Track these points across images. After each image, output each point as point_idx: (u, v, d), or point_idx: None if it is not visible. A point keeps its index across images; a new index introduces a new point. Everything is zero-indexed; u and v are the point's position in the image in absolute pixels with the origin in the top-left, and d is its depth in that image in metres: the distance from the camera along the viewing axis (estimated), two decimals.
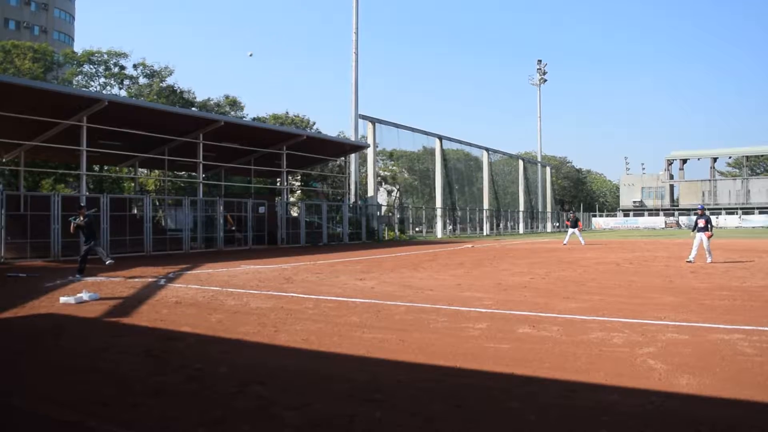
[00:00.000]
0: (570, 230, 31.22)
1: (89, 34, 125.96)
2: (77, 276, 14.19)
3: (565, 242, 30.67)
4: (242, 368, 5.82)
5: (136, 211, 33.03)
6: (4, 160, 31.59)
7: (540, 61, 73.15)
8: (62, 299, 10.19)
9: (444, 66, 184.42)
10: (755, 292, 11.06)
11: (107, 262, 15.18)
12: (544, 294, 11.00)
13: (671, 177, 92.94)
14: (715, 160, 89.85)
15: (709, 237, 17.97)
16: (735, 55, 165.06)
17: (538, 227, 68.57)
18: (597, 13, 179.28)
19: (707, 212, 18.81)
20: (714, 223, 18.32)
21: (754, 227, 68.00)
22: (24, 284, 13.22)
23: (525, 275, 14.71)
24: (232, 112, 49.35)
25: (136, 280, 13.96)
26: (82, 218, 14.70)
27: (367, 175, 43.46)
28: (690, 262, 17.88)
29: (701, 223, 18.07)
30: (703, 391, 4.92)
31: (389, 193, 65.57)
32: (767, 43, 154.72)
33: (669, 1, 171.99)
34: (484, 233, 54.12)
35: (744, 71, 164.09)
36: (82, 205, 15.75)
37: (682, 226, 74.72)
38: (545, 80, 72.96)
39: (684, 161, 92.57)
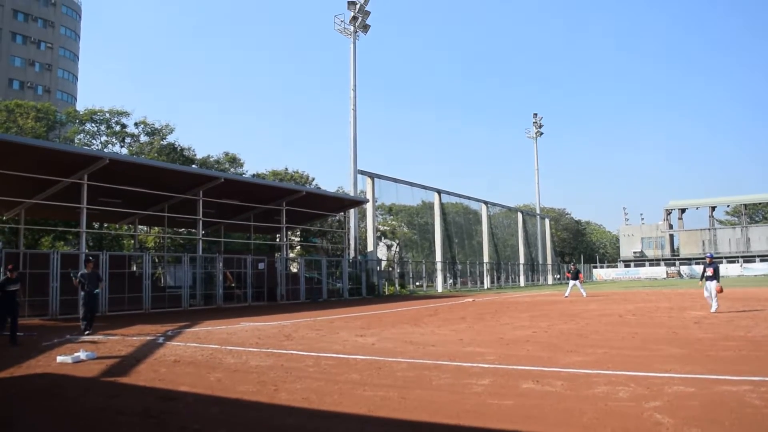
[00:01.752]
0: (571, 282, 31.07)
1: (91, 92, 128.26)
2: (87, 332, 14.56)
3: (566, 294, 30.51)
4: (242, 429, 5.71)
5: (135, 269, 32.94)
6: (4, 218, 31.69)
7: (536, 114, 74.36)
8: (59, 358, 10.07)
9: (441, 120, 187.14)
10: (761, 342, 10.95)
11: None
12: (547, 348, 10.88)
13: (670, 227, 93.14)
14: (713, 209, 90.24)
15: (720, 290, 17.93)
16: (729, 105, 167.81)
17: (538, 280, 68.33)
18: (592, 66, 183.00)
19: (716, 261, 18.74)
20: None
21: (756, 275, 67.74)
22: (21, 343, 13.06)
23: (527, 329, 14.58)
24: (232, 169, 49.74)
25: (135, 338, 13.82)
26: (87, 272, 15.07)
27: (366, 230, 43.52)
28: (715, 312, 17.67)
29: (709, 271, 18.00)
30: None
31: (389, 247, 65.55)
32: (759, 92, 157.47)
33: (662, 53, 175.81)
34: (485, 286, 53.88)
35: (738, 122, 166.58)
36: (91, 258, 16.03)
37: (684, 275, 74.46)
38: (541, 133, 73.97)
39: (682, 211, 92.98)
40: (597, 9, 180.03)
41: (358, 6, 42.26)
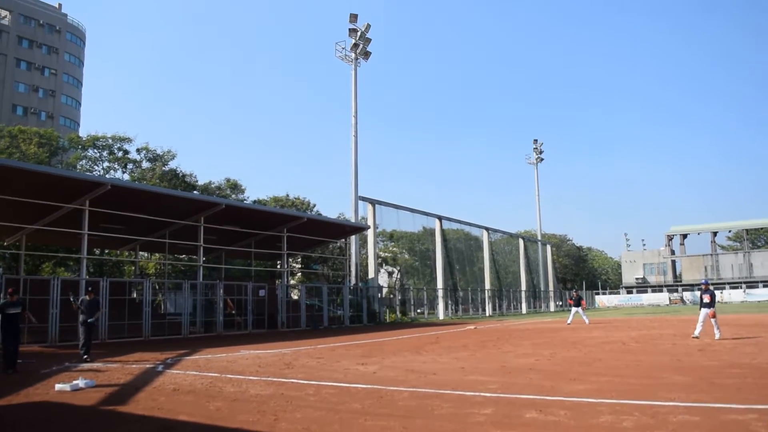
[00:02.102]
0: (573, 309, 30.89)
1: (94, 117, 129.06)
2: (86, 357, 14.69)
3: (568, 321, 30.32)
4: None
5: (135, 295, 32.84)
6: (5, 243, 31.68)
7: (536, 140, 74.74)
8: (58, 386, 9.99)
9: (442, 146, 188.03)
10: (766, 369, 10.85)
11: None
12: (550, 376, 10.77)
13: (672, 252, 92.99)
14: (715, 234, 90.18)
15: (713, 316, 17.76)
16: (732, 131, 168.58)
17: (540, 306, 67.98)
18: (592, 92, 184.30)
19: (711, 287, 18.70)
20: (717, 298, 18.17)
21: (759, 301, 67.37)
22: (19, 370, 12.95)
23: (530, 357, 14.47)
24: (233, 195, 49.84)
25: (134, 366, 13.72)
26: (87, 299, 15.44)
27: (367, 256, 43.44)
28: (696, 337, 17.65)
29: (706, 298, 17.94)
30: None
31: (390, 274, 65.36)
32: (761, 118, 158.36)
33: (663, 78, 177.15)
34: (487, 314, 53.57)
35: (740, 147, 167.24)
36: (90, 288, 16.39)
37: (687, 302, 74.09)
38: (542, 159, 74.24)
39: (684, 236, 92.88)
40: (599, 34, 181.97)
41: (359, 33, 42.72)
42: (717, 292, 75.36)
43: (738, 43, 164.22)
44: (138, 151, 44.83)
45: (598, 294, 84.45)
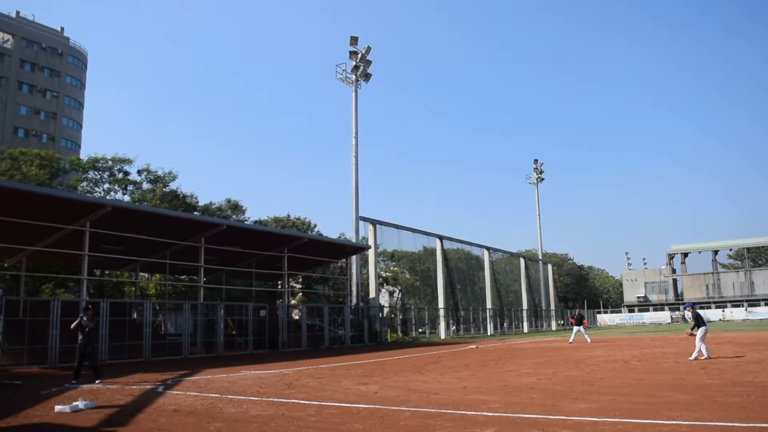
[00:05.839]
0: (575, 328, 30.81)
1: (95, 138, 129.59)
2: (74, 382, 14.37)
3: (570, 340, 30.22)
4: None
5: (135, 316, 32.72)
6: (6, 264, 31.65)
7: (536, 160, 74.90)
8: (57, 408, 9.94)
9: (442, 166, 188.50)
10: None
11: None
12: (552, 395, 10.72)
13: (673, 271, 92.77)
14: (716, 252, 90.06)
15: (690, 334, 17.72)
16: (732, 150, 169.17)
17: (542, 325, 67.65)
18: (592, 111, 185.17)
19: (696, 309, 18.54)
20: (719, 317, 18.05)
21: (761, 319, 67.07)
22: (19, 392, 12.90)
23: (532, 376, 14.41)
24: (234, 216, 49.77)
25: (134, 387, 13.66)
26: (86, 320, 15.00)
27: (368, 276, 43.35)
28: (708, 358, 17.36)
29: (692, 321, 17.83)
30: None
31: (391, 294, 65.18)
32: (759, 142, 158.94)
33: (663, 99, 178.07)
34: (488, 333, 53.34)
35: (741, 165, 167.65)
36: (89, 307, 15.87)
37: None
38: (542, 179, 74.33)
39: (685, 255, 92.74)
40: (599, 54, 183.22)
41: (359, 56, 43.03)
42: (719, 311, 75.73)
43: (733, 77, 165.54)
44: (139, 172, 44.88)
45: (599, 313, 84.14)
